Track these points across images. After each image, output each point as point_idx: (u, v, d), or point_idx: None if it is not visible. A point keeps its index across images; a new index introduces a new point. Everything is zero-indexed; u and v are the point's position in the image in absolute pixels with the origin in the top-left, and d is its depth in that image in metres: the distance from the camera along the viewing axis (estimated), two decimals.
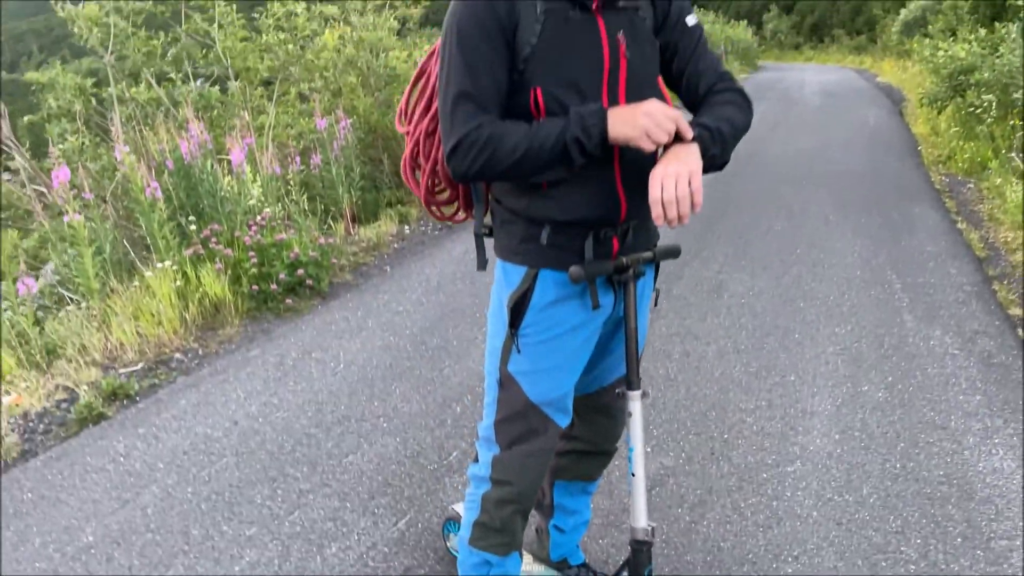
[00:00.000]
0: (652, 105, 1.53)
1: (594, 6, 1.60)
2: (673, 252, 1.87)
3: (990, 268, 5.09)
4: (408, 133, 1.87)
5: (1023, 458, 2.91)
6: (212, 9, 6.78)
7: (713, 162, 1.61)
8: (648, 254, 1.79)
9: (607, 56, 1.61)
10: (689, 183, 1.50)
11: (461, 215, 1.99)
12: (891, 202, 6.87)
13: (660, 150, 1.57)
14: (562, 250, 1.70)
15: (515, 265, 1.75)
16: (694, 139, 1.56)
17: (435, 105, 1.74)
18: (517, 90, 1.62)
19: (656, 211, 1.51)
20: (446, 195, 1.92)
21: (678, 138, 1.55)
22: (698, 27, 1.77)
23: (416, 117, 1.84)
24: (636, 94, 1.64)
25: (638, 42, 1.66)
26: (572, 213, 1.67)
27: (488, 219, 1.86)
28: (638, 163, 1.61)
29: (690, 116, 1.68)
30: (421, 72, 1.86)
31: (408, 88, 1.90)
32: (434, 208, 1.95)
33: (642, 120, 1.51)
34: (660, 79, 1.77)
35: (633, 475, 1.87)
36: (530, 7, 1.58)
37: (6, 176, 6.18)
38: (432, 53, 1.82)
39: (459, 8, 1.60)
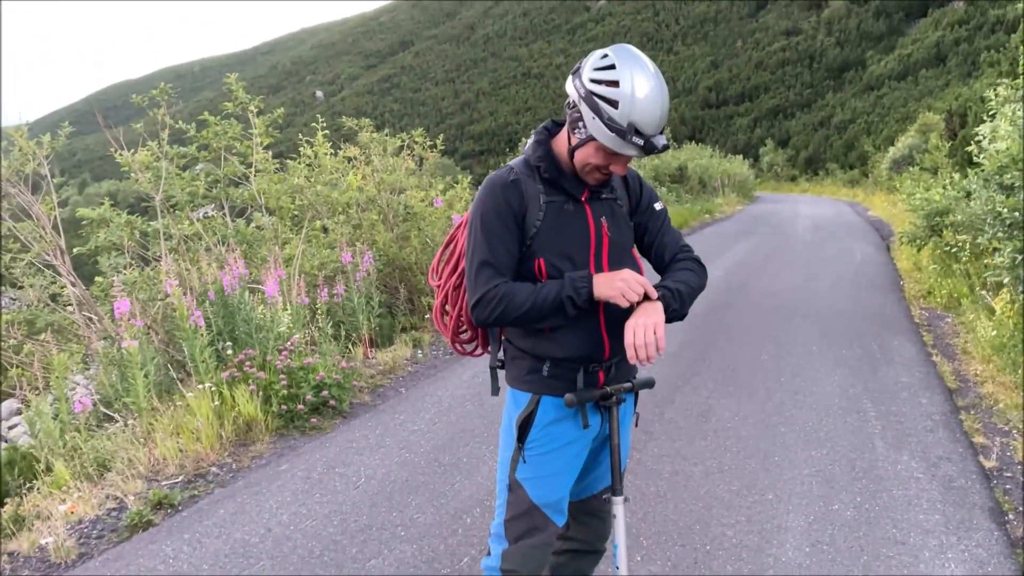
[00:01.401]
0: (626, 273, 2.06)
1: (583, 198, 2.16)
2: (648, 384, 2.33)
3: (959, 399, 5.52)
4: (439, 287, 2.39)
5: (970, 571, 3.27)
6: (250, 155, 7.53)
7: (674, 315, 2.12)
8: (628, 385, 2.26)
9: (593, 235, 2.15)
10: (655, 332, 2.00)
11: (479, 351, 2.48)
12: (872, 335, 7.37)
13: (634, 306, 2.07)
14: (560, 380, 2.19)
15: (522, 392, 2.24)
16: (659, 298, 2.07)
17: (461, 266, 2.27)
18: (525, 259, 2.15)
19: (630, 353, 2.01)
20: (468, 335, 2.43)
21: (647, 297, 2.06)
22: (663, 211, 2.32)
23: (445, 274, 2.37)
24: (616, 263, 2.17)
25: (617, 224, 2.21)
26: (567, 352, 2.17)
27: (501, 355, 2.35)
28: (617, 315, 2.11)
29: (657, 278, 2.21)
30: (451, 239, 2.40)
31: (440, 251, 2.44)
32: (458, 345, 2.45)
33: (618, 284, 2.03)
34: (635, 250, 2.30)
35: (617, 568, 2.27)
36: (535, 199, 2.13)
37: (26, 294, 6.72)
38: (460, 225, 2.37)
39: (483, 197, 2.16)
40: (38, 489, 4.14)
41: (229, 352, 5.26)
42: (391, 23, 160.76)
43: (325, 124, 8.68)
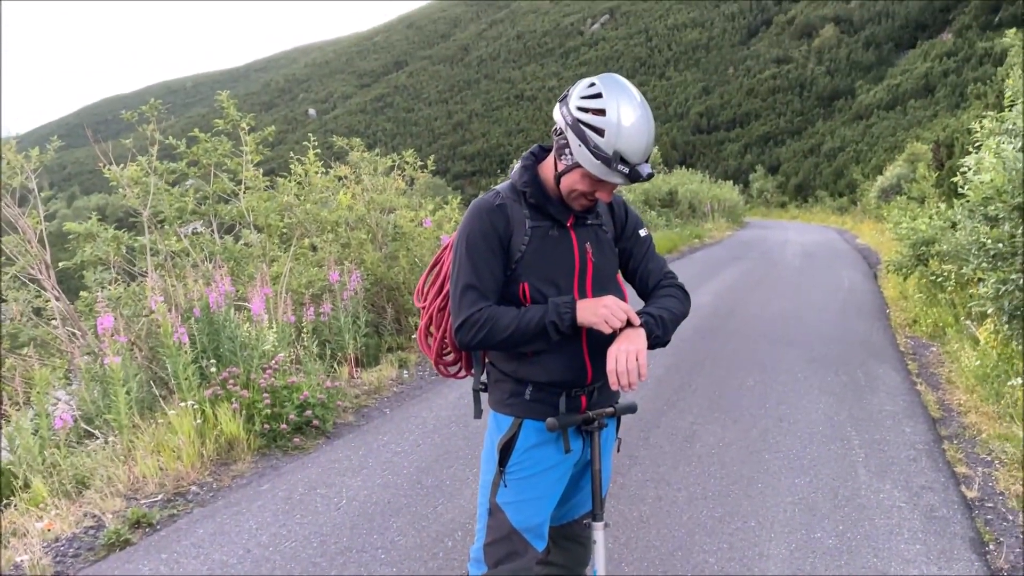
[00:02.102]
0: (609, 299, 2.07)
1: (568, 224, 2.17)
2: (631, 409, 2.34)
3: (943, 428, 5.53)
4: (423, 308, 2.39)
5: None
6: (240, 172, 7.53)
7: (656, 342, 2.13)
8: (610, 410, 2.26)
9: (577, 261, 2.17)
10: (636, 359, 2.00)
11: (462, 373, 2.48)
12: (857, 362, 7.40)
13: (617, 332, 2.08)
14: (542, 404, 2.19)
15: (504, 415, 2.24)
16: (641, 324, 2.08)
17: (446, 288, 2.27)
18: (510, 283, 2.16)
19: (612, 379, 2.01)
20: (452, 357, 2.43)
21: (630, 323, 2.07)
22: (648, 237, 2.34)
23: (431, 296, 2.37)
24: (600, 288, 2.18)
25: (601, 249, 2.23)
26: (550, 376, 2.17)
27: (484, 377, 2.35)
28: (600, 340, 2.12)
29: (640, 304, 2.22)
30: (436, 261, 2.41)
31: (425, 273, 2.45)
32: (442, 367, 2.45)
33: (601, 311, 2.04)
34: (619, 276, 2.31)
35: None
36: (521, 224, 2.14)
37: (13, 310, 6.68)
38: (446, 247, 2.37)
39: (469, 220, 2.17)
40: (15, 506, 4.09)
41: (213, 370, 5.22)
42: (385, 43, 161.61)
43: (317, 142, 8.70)
